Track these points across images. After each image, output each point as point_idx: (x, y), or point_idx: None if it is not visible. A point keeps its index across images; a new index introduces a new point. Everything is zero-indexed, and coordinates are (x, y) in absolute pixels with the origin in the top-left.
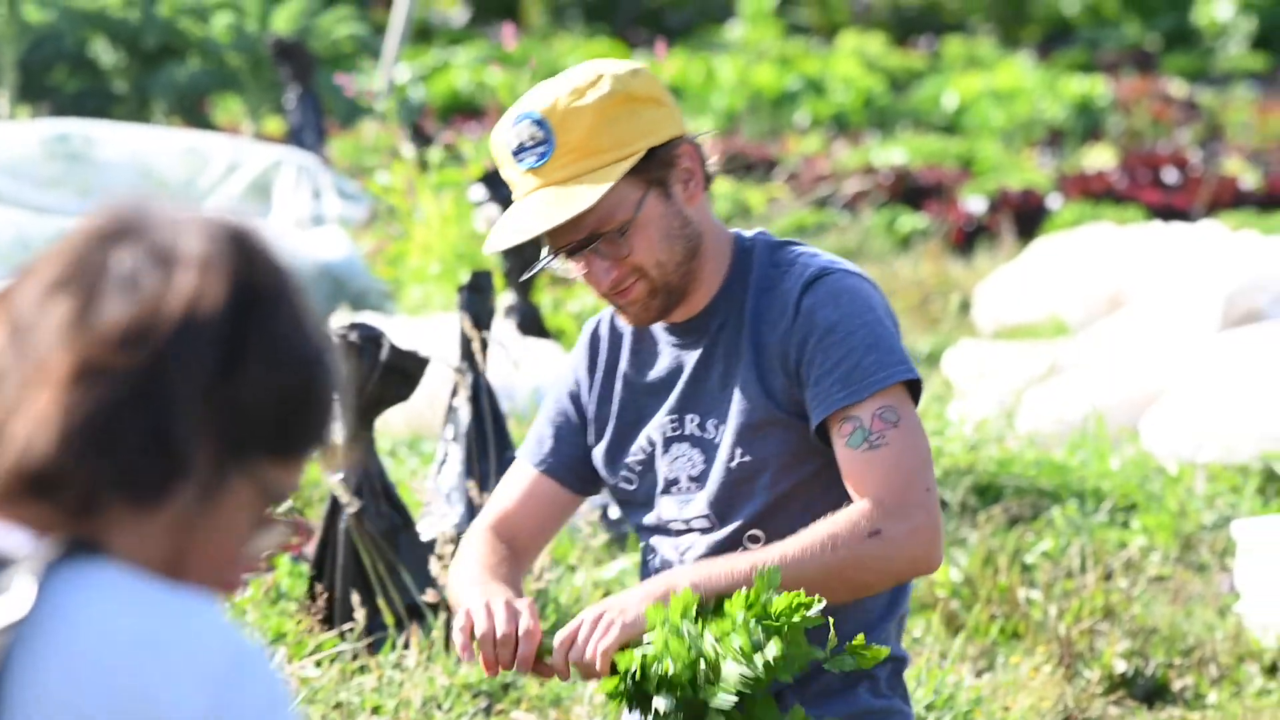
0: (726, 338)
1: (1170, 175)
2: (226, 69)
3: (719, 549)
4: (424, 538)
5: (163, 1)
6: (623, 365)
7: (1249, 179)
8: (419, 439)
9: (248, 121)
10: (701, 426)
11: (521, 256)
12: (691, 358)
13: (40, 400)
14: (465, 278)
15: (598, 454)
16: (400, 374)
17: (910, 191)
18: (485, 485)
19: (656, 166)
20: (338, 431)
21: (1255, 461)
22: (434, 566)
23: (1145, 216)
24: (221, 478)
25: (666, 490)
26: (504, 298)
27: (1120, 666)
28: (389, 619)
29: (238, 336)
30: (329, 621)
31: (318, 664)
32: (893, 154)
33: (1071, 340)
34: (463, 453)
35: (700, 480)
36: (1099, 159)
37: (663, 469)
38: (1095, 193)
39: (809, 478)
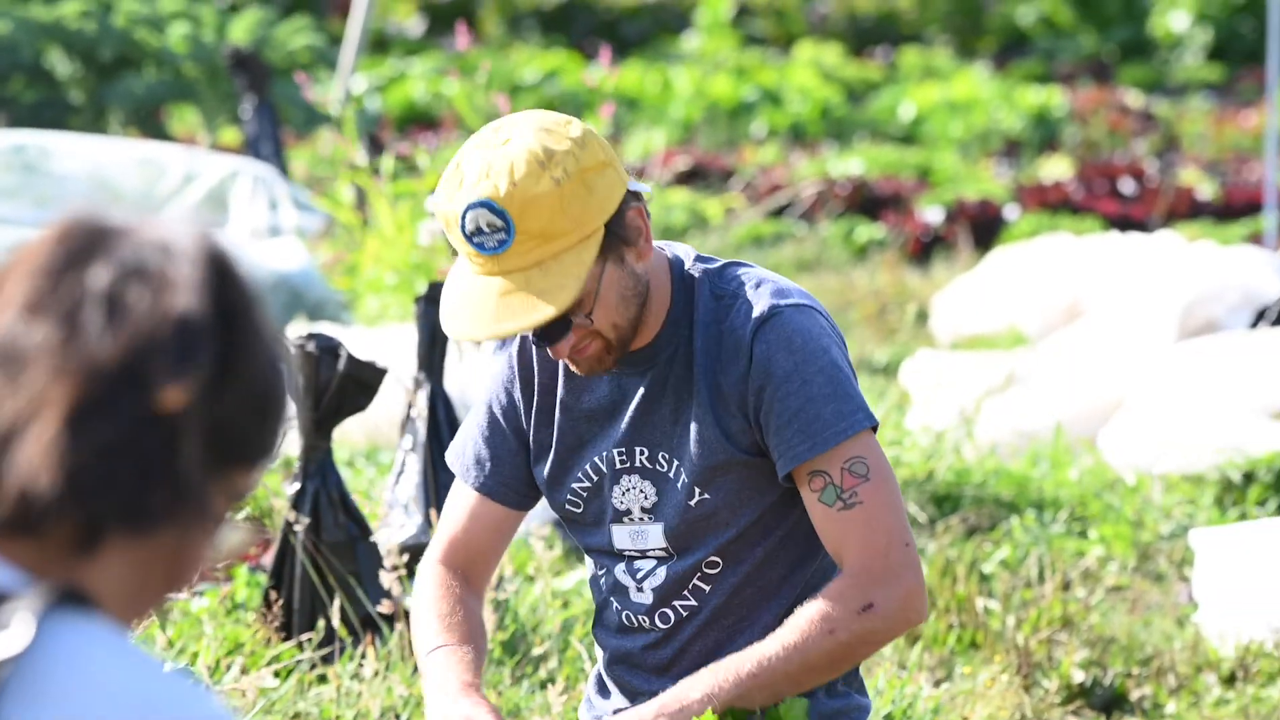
0: (676, 371)
1: (1127, 186)
2: (183, 80)
3: (678, 577)
4: (382, 548)
5: (119, 12)
6: (560, 390)
7: (1205, 189)
8: (376, 449)
9: (204, 132)
10: (652, 459)
11: None
12: (636, 388)
13: (41, 436)
14: (422, 288)
15: (538, 476)
16: (358, 384)
17: (867, 202)
18: (443, 496)
19: (612, 239)
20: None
21: (1212, 471)
22: (386, 579)
23: (1102, 227)
24: (210, 492)
25: (618, 520)
26: None
27: (1078, 676)
28: (344, 631)
29: (223, 354)
30: (287, 631)
31: (276, 674)
32: (850, 164)
33: (1029, 351)
34: (420, 463)
35: (654, 512)
36: (1056, 169)
37: (613, 499)
38: (1052, 203)
39: (768, 509)
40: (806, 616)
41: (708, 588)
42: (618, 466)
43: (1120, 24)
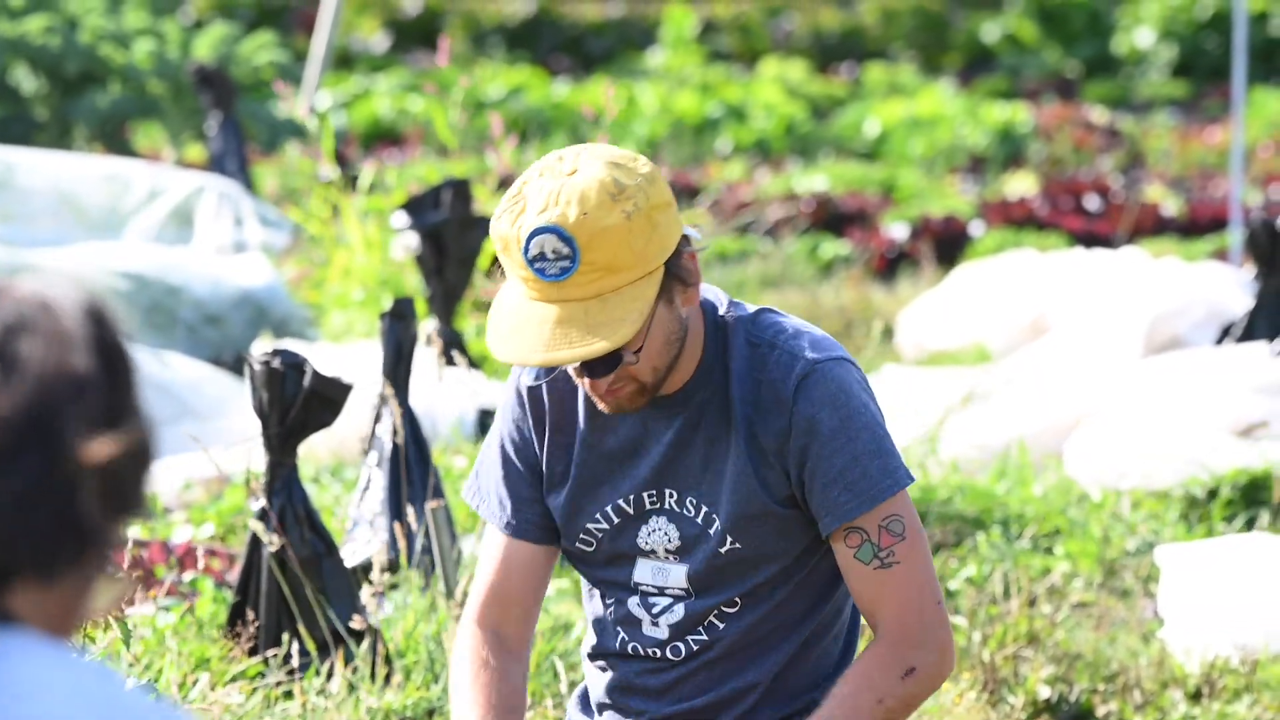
0: (709, 418)
1: (1092, 202)
2: (148, 96)
3: (696, 615)
4: (348, 564)
5: (84, 28)
6: (580, 426)
7: (1170, 205)
8: (342, 465)
9: (169, 148)
10: (681, 503)
11: (444, 282)
12: (664, 431)
13: None
14: (388, 304)
15: (552, 510)
16: (323, 400)
17: (832, 218)
18: (406, 511)
19: (670, 279)
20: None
21: (1178, 488)
22: (364, 594)
23: (1067, 243)
24: (109, 541)
25: (643, 555)
26: (426, 324)
27: (1044, 692)
28: (312, 646)
29: (114, 406)
30: (253, 648)
31: (242, 691)
32: (814, 181)
33: (994, 367)
34: (385, 479)
35: (677, 554)
36: (1021, 186)
37: (638, 538)
38: (1017, 219)
39: (792, 560)
40: (854, 688)
41: (723, 625)
42: (646, 508)
43: (1085, 41)
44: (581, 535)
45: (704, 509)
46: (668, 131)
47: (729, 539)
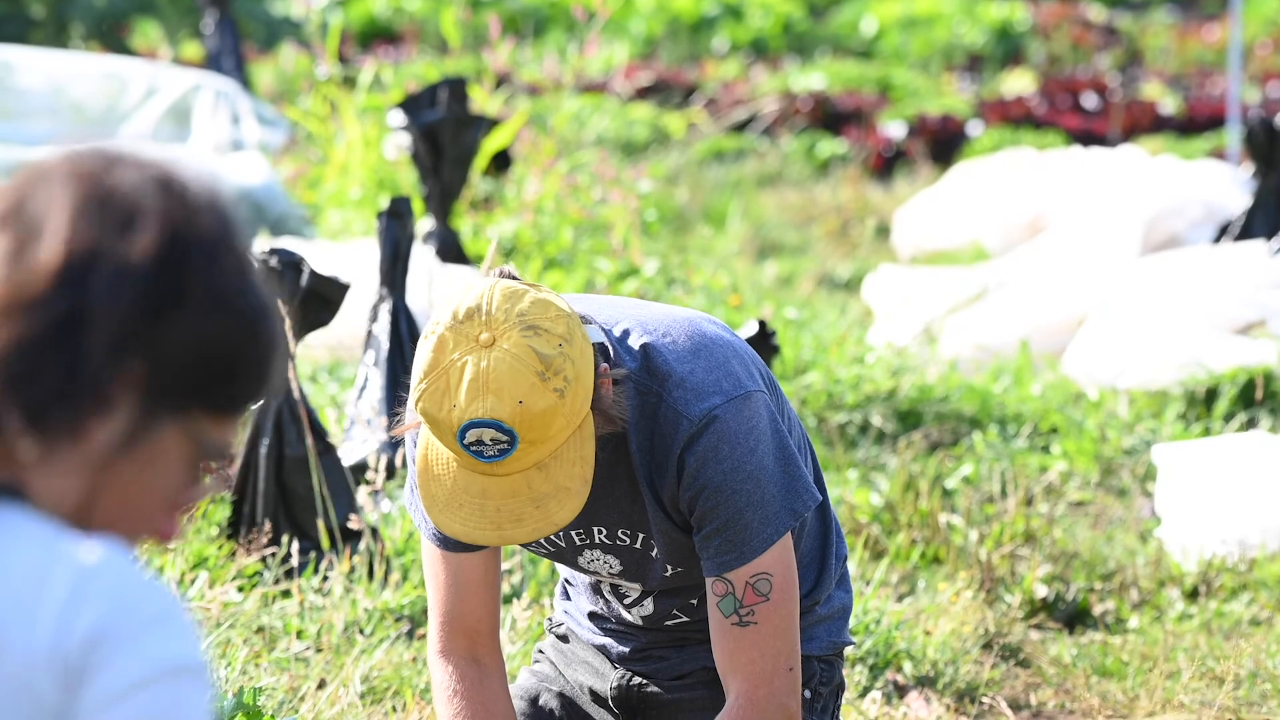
0: (624, 460)
1: (1090, 100)
2: None
3: (667, 608)
4: (345, 463)
5: None
6: None
7: (1168, 104)
8: (339, 364)
9: (166, 47)
10: (612, 536)
11: (440, 181)
12: None
13: None
14: (385, 203)
15: None
16: (320, 299)
17: (829, 117)
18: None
19: (596, 416)
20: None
21: (1175, 387)
22: (360, 494)
23: (1065, 142)
24: (148, 424)
25: (590, 575)
26: (423, 224)
27: (1041, 591)
28: (326, 541)
29: (168, 283)
30: (250, 546)
31: (239, 589)
32: (811, 79)
33: (991, 266)
34: (383, 378)
35: (624, 575)
36: (1018, 84)
37: (580, 563)
38: (1014, 118)
39: None
40: None
41: (697, 603)
42: (577, 543)
43: None
44: (530, 548)
45: (640, 535)
46: (664, 30)
47: (670, 567)
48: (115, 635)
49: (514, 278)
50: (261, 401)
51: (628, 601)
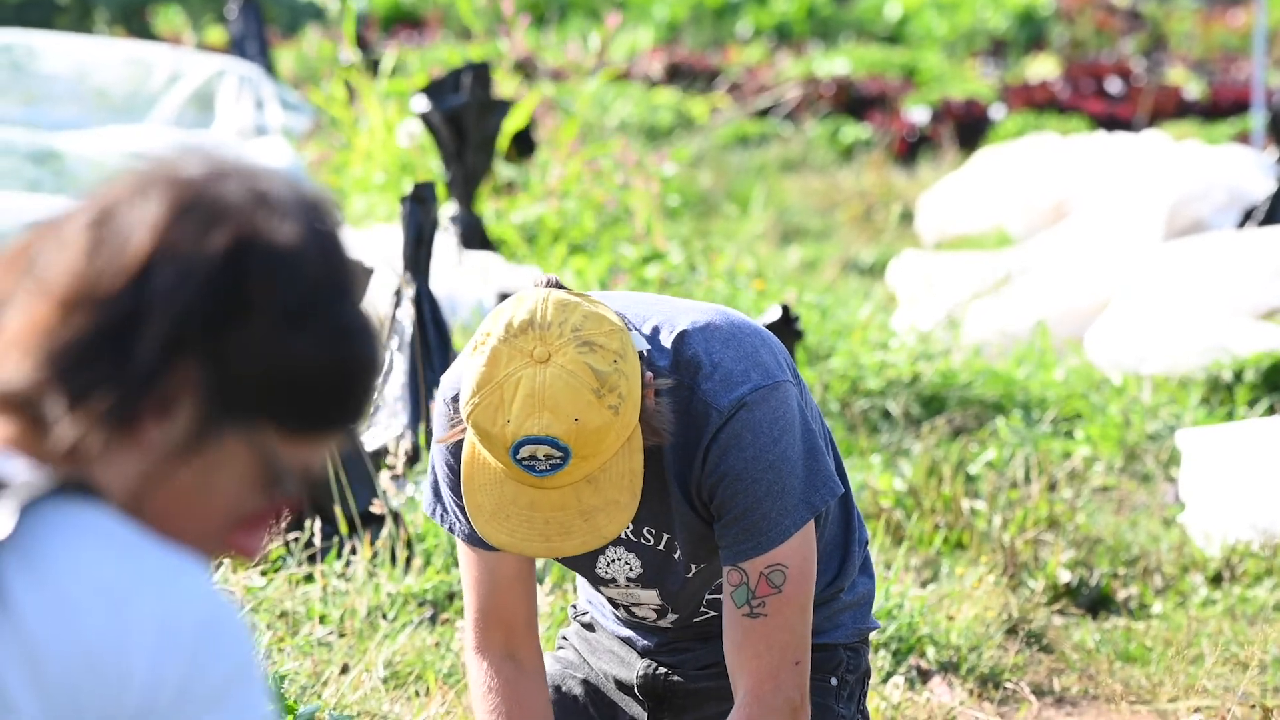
0: (654, 459)
1: (1114, 85)
2: None
3: (686, 620)
4: (369, 448)
5: None
6: None
7: (1192, 89)
8: None
9: (190, 32)
10: (638, 534)
11: (464, 166)
12: None
13: (28, 317)
14: (408, 188)
15: None
16: None
17: (853, 102)
18: (429, 395)
19: (644, 428)
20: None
21: (1199, 372)
22: (382, 479)
23: (1089, 127)
24: (209, 431)
25: (604, 584)
26: (447, 208)
27: (1065, 576)
28: (341, 528)
29: (233, 287)
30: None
31: (263, 574)
32: (835, 64)
33: (1015, 251)
34: (406, 363)
35: (640, 580)
36: (1042, 69)
37: (597, 568)
38: (1038, 103)
39: None
40: None
41: (720, 597)
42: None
43: None
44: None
45: (664, 536)
46: (688, 14)
47: (693, 565)
48: (201, 699)
49: (561, 287)
50: (349, 427)
51: (648, 623)
